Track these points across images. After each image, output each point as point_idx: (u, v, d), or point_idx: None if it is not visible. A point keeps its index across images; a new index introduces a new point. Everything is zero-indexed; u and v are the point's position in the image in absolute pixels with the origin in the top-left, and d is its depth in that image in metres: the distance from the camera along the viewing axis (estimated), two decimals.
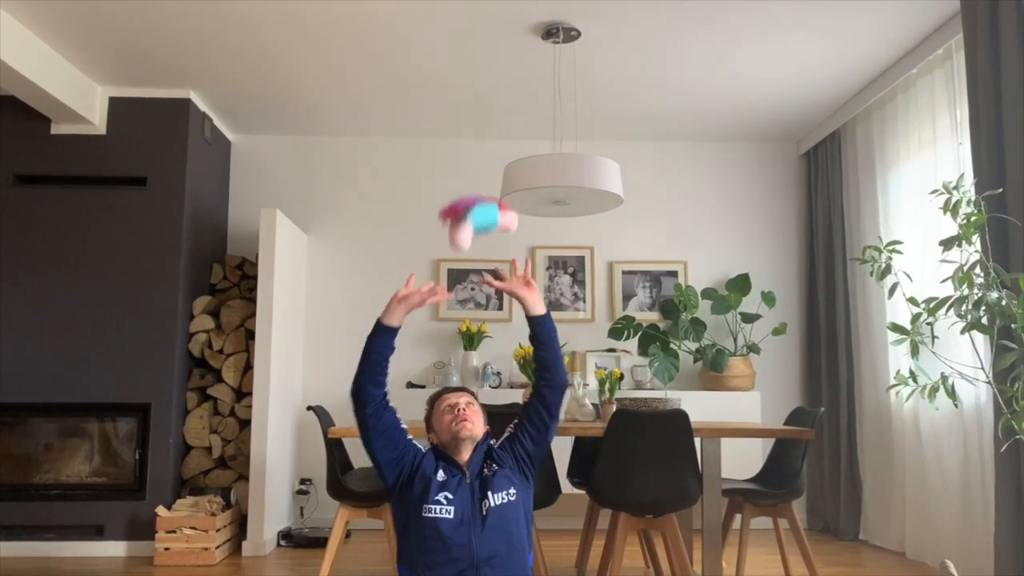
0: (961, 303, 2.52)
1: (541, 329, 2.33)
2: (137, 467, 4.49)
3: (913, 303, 2.66)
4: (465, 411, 2.28)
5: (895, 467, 4.45)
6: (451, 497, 2.18)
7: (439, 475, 2.22)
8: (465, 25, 3.93)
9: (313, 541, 4.65)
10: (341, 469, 3.55)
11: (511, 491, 2.24)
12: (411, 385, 5.19)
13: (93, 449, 4.56)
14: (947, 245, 2.62)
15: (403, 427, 2.29)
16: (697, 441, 3.12)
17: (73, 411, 4.51)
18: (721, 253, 5.57)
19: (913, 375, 2.61)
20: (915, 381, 2.59)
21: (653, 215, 5.59)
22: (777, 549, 3.75)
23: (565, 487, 3.79)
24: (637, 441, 3.03)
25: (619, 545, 3.07)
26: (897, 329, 2.63)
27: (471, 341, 5.20)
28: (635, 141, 5.64)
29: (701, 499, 3.16)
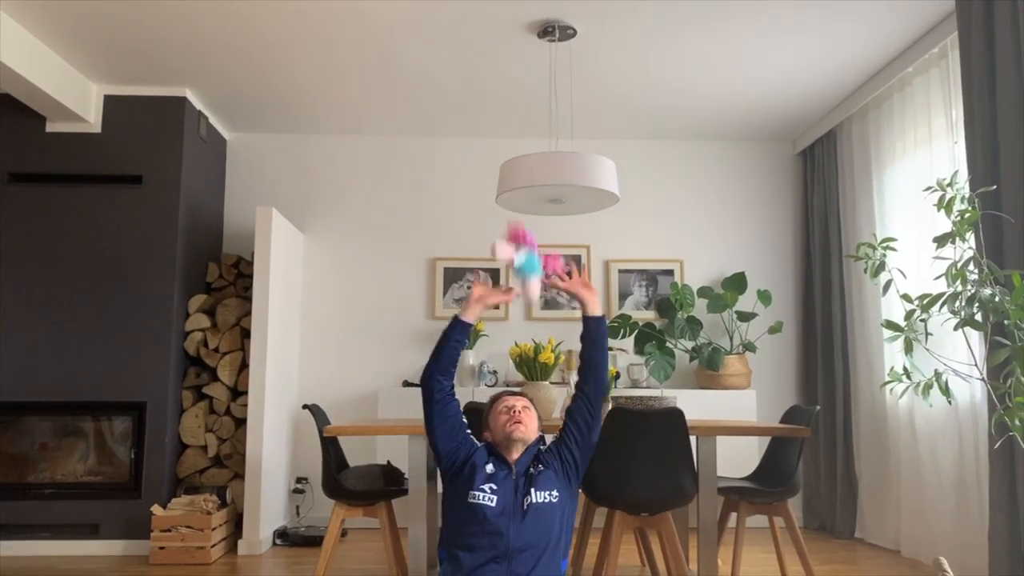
0: (955, 299, 2.52)
1: (596, 330, 2.47)
2: (133, 466, 4.48)
3: (907, 299, 2.66)
4: (521, 414, 2.40)
5: (890, 465, 4.45)
6: (496, 488, 2.31)
7: (488, 467, 2.36)
8: (461, 24, 3.93)
9: (309, 540, 4.64)
10: (337, 468, 3.55)
11: (554, 492, 2.34)
12: (407, 384, 5.19)
13: (88, 448, 4.55)
14: (941, 242, 2.62)
15: (464, 420, 2.43)
16: (693, 439, 3.12)
17: (68, 410, 4.50)
18: (717, 252, 5.58)
19: (907, 372, 2.61)
20: (909, 378, 2.60)
21: (649, 214, 5.60)
22: (773, 547, 3.75)
23: None
24: (633, 440, 3.03)
25: (615, 543, 3.08)
26: (891, 326, 2.63)
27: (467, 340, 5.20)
28: (631, 140, 5.64)
29: (697, 497, 3.16)
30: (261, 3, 3.72)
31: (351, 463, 3.85)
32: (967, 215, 2.59)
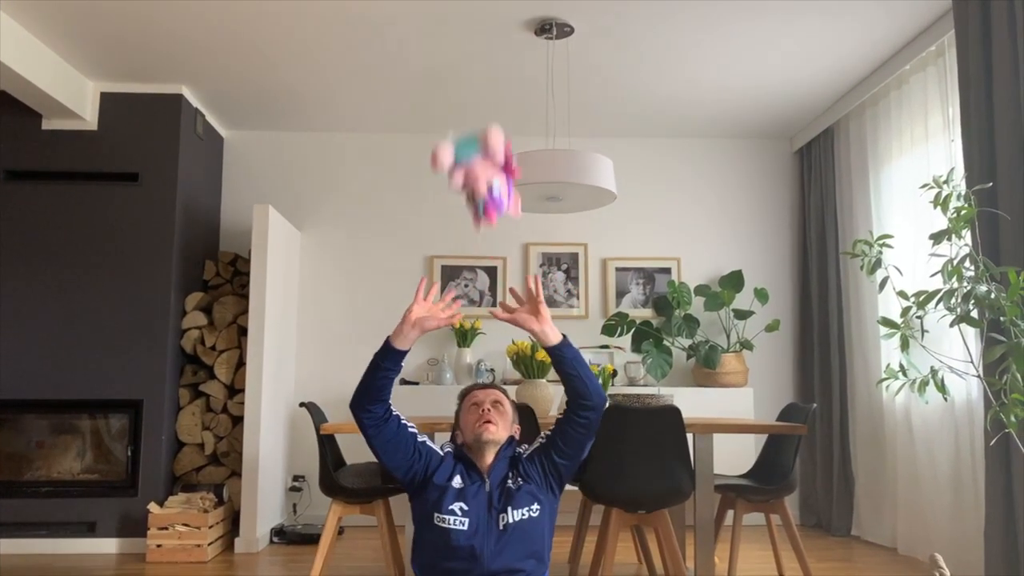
0: (950, 296, 2.53)
1: (562, 361, 2.10)
2: (129, 464, 4.48)
3: (903, 296, 2.66)
4: (490, 412, 2.14)
5: (887, 462, 4.46)
6: (466, 508, 2.06)
7: (455, 482, 2.10)
8: (458, 22, 3.93)
9: (306, 538, 4.64)
10: (334, 465, 3.54)
11: (534, 507, 2.10)
12: (404, 382, 5.19)
13: (85, 446, 4.54)
14: (937, 239, 2.63)
15: (411, 431, 2.17)
16: (690, 437, 3.13)
17: (65, 408, 4.50)
18: (714, 250, 5.58)
19: (903, 369, 2.62)
20: (905, 375, 2.60)
21: (646, 212, 5.60)
22: (770, 545, 3.76)
23: None
24: (630, 437, 3.04)
25: (612, 541, 3.08)
26: (887, 323, 2.63)
27: (464, 338, 5.20)
28: (628, 138, 5.64)
29: (694, 495, 3.16)
30: (259, 3, 3.71)
31: (348, 461, 3.85)
32: (963, 212, 2.59)
